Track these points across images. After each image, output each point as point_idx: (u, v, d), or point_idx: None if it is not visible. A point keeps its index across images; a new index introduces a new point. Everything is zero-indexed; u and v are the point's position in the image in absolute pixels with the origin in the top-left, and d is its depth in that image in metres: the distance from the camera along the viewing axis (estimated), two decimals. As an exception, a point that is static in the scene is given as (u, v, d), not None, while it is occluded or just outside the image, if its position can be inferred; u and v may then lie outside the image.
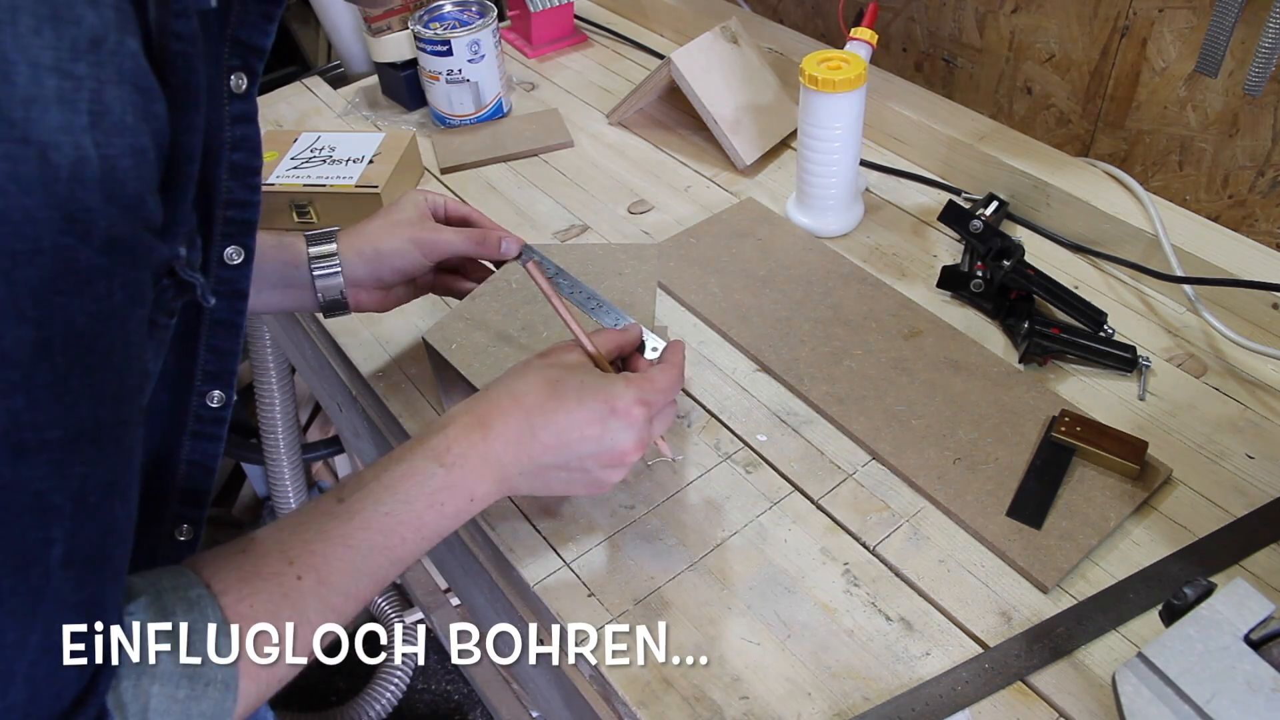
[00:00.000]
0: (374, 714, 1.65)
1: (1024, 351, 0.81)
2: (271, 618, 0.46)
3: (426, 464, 0.55)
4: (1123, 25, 0.97)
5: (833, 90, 0.89)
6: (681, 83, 1.05)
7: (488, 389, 0.59)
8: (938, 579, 0.66)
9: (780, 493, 0.73)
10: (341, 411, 1.05)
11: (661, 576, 0.68)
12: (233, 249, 0.49)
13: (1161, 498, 0.71)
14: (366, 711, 1.64)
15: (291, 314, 1.06)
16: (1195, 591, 0.57)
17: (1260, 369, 0.80)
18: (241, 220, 0.49)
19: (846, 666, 0.62)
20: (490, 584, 0.75)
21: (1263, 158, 0.92)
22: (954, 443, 0.75)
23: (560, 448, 0.58)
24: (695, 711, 0.60)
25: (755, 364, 0.83)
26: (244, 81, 0.46)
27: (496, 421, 0.57)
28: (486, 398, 0.59)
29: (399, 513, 0.53)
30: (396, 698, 1.67)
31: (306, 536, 0.50)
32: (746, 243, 0.95)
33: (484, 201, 1.05)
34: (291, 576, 0.48)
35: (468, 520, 0.57)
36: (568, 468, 0.59)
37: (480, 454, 0.56)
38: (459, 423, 0.57)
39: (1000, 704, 0.60)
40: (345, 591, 0.50)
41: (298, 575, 0.48)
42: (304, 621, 0.47)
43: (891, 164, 1.06)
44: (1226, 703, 0.52)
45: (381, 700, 1.65)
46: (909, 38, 1.20)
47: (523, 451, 0.57)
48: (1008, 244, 0.84)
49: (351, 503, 0.52)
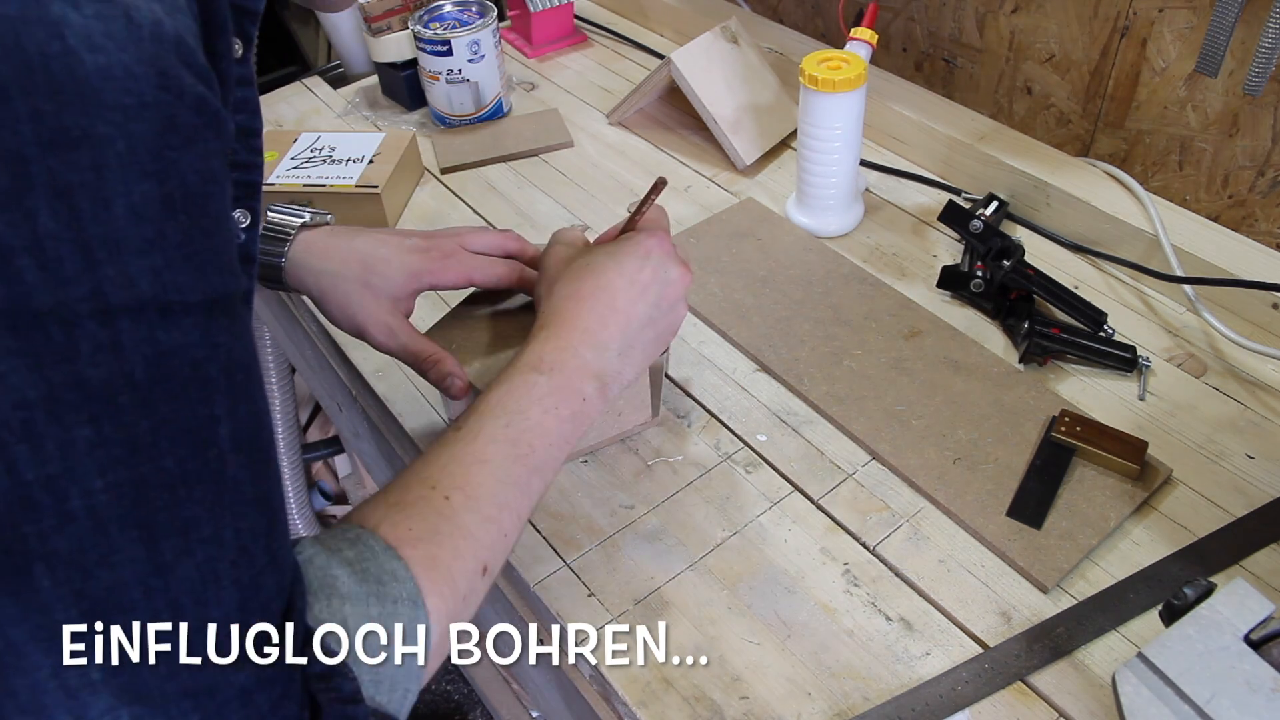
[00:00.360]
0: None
1: (1024, 351, 0.81)
2: (432, 535, 0.46)
3: (527, 375, 0.57)
4: (1123, 25, 0.97)
5: (833, 90, 0.89)
6: (681, 83, 1.05)
7: (543, 314, 0.62)
8: (938, 579, 0.66)
9: (780, 493, 0.73)
10: (341, 411, 1.05)
11: (661, 576, 0.68)
12: (240, 212, 0.49)
13: (1161, 498, 0.71)
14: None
15: (292, 314, 1.06)
16: (1195, 591, 0.57)
17: (1260, 369, 0.80)
18: (247, 183, 0.49)
19: (846, 666, 0.62)
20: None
21: (1263, 158, 0.92)
22: (954, 443, 0.75)
23: (632, 309, 0.61)
24: (695, 711, 0.60)
25: (755, 364, 0.83)
26: (240, 47, 0.46)
27: (568, 326, 0.60)
28: (549, 318, 0.61)
29: (518, 423, 0.54)
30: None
31: (439, 463, 0.51)
32: (746, 243, 0.95)
33: (484, 201, 1.05)
34: (439, 498, 0.48)
35: (592, 423, 0.60)
36: (650, 323, 0.62)
37: (572, 358, 0.58)
38: (539, 339, 0.59)
39: (1000, 704, 0.60)
40: (497, 502, 0.51)
41: (445, 496, 0.49)
42: (465, 535, 0.48)
43: (891, 164, 1.06)
44: (1226, 703, 0.52)
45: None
46: (909, 38, 1.20)
47: (606, 335, 0.60)
48: (1008, 244, 0.84)
49: (470, 427, 0.53)
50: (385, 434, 0.86)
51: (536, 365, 0.57)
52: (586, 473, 0.75)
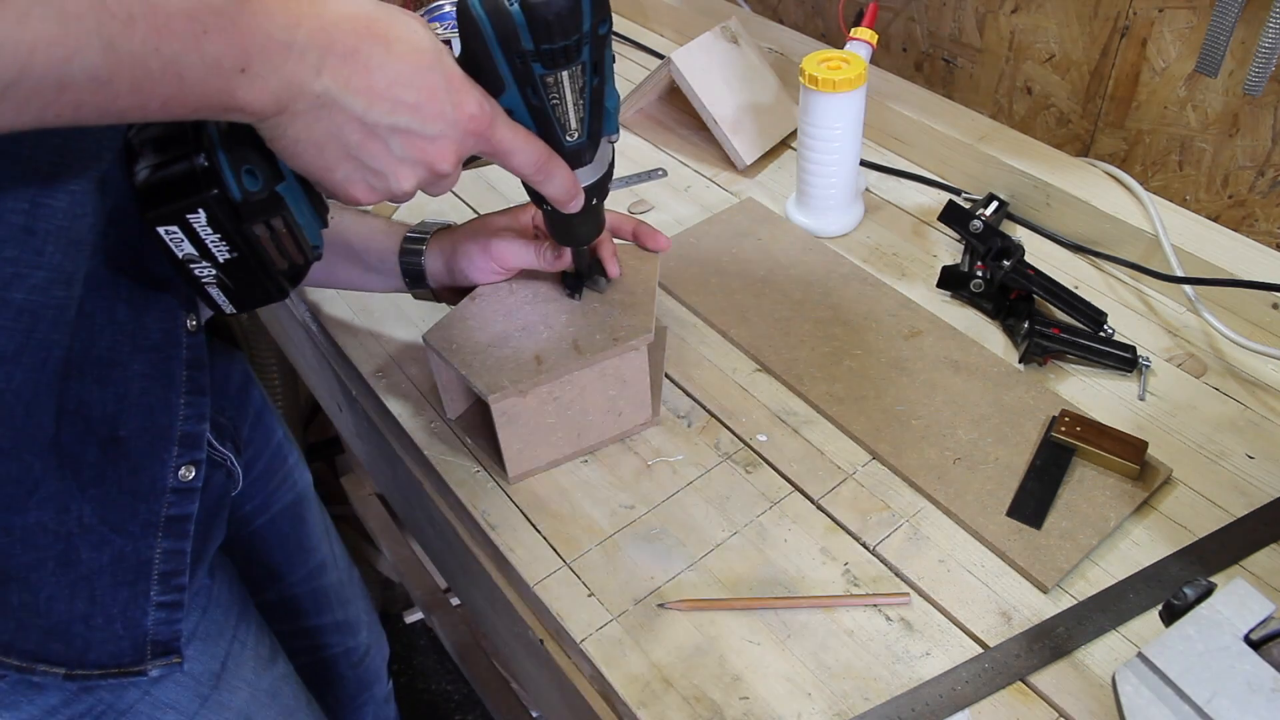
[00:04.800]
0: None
1: (1024, 351, 0.81)
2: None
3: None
4: (1123, 25, 0.97)
5: (833, 90, 0.89)
6: (681, 83, 1.05)
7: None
8: (938, 579, 0.66)
9: (780, 493, 0.73)
10: (341, 411, 1.05)
11: (661, 576, 0.68)
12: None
13: (1161, 498, 0.71)
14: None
15: (292, 314, 1.06)
16: (1195, 591, 0.57)
17: (1260, 369, 0.80)
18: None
19: (846, 666, 0.62)
20: (490, 584, 0.75)
21: (1263, 158, 0.92)
22: (954, 443, 0.75)
23: (378, 88, 0.48)
24: (695, 711, 0.60)
25: (755, 364, 0.83)
26: None
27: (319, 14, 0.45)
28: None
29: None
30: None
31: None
32: (746, 243, 0.95)
33: (484, 201, 1.05)
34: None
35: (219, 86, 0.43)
36: (368, 126, 0.49)
37: (275, 21, 0.44)
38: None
39: (1000, 704, 0.60)
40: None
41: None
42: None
43: (891, 164, 1.06)
44: (1226, 703, 0.53)
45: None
46: (909, 38, 1.20)
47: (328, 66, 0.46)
48: (1008, 244, 0.84)
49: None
50: (385, 434, 0.86)
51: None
52: (586, 473, 0.75)
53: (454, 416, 0.80)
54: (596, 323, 0.72)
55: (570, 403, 0.72)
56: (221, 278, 0.55)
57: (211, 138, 0.50)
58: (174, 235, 0.51)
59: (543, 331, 0.72)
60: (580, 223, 0.67)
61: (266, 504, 0.92)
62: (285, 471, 0.94)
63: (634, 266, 0.77)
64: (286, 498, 0.94)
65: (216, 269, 0.54)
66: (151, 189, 0.50)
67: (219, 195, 0.51)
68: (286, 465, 0.94)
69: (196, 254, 0.52)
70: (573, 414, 0.73)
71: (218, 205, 0.51)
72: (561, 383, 0.71)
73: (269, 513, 0.92)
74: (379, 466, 1.02)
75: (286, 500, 0.94)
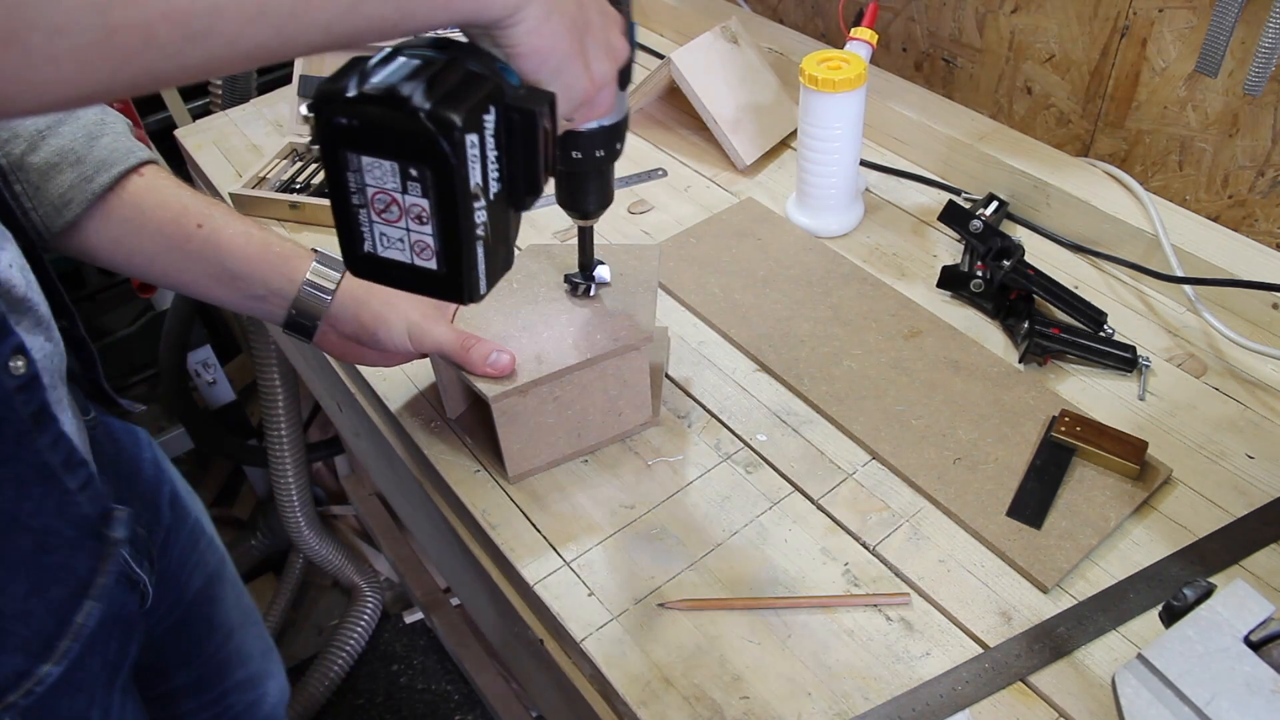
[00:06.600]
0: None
1: (1024, 351, 0.81)
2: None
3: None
4: (1123, 25, 0.97)
5: (833, 90, 0.89)
6: (681, 83, 1.05)
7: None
8: (938, 579, 0.66)
9: (780, 493, 0.73)
10: (341, 411, 1.05)
11: (661, 576, 0.68)
12: None
13: (1161, 498, 0.71)
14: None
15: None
16: (1195, 592, 0.57)
17: (1260, 369, 0.80)
18: None
19: (846, 666, 0.62)
20: (490, 584, 0.75)
21: (1263, 158, 0.92)
22: (954, 443, 0.75)
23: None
24: (695, 711, 0.60)
25: (755, 364, 0.83)
26: None
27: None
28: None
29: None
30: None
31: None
32: (746, 243, 0.95)
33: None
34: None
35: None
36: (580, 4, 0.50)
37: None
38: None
39: (1000, 704, 0.60)
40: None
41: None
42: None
43: (891, 164, 1.06)
44: (1226, 704, 0.53)
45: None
46: (909, 38, 1.20)
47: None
48: (1008, 244, 0.84)
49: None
50: (385, 434, 0.86)
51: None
52: (586, 473, 0.75)
53: (454, 416, 0.80)
54: (597, 322, 0.72)
55: (570, 402, 0.72)
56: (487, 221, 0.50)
57: (461, 46, 0.50)
58: (474, 152, 0.48)
59: (543, 331, 0.72)
60: (593, 187, 0.65)
61: (179, 599, 0.84)
62: (198, 554, 0.86)
63: (634, 266, 0.77)
64: (198, 583, 0.86)
65: (487, 207, 0.49)
66: (448, 98, 0.48)
67: (499, 87, 0.49)
68: (198, 548, 0.87)
69: (481, 182, 0.49)
70: (573, 414, 0.73)
71: (499, 98, 0.49)
72: (561, 382, 0.71)
73: (182, 605, 0.84)
74: (379, 466, 1.02)
75: (197, 586, 0.86)
